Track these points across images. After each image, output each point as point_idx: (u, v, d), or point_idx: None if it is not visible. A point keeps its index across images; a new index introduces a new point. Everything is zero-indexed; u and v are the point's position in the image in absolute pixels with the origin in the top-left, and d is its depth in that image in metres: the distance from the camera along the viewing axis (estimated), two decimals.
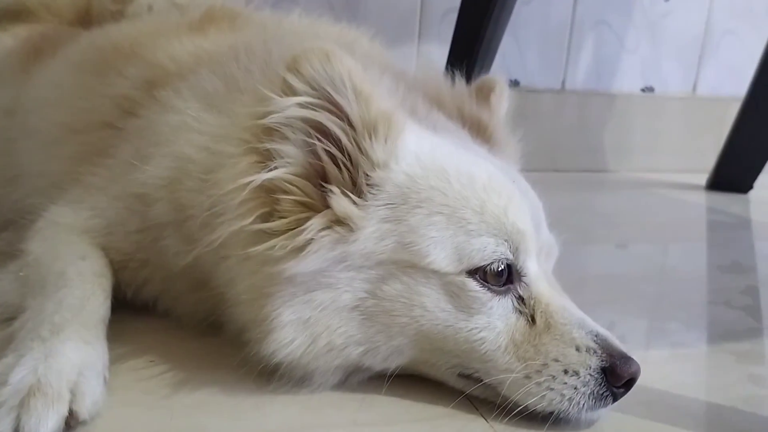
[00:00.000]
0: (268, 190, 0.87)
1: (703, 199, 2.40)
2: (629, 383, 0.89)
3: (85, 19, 1.65)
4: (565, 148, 2.66)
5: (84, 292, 0.95)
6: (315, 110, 0.86)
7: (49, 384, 0.78)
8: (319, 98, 0.86)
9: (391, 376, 0.93)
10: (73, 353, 0.84)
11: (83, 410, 0.79)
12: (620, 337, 0.92)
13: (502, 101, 1.18)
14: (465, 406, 0.92)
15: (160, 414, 0.86)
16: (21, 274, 1.03)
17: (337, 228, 0.87)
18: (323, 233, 0.86)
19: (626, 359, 0.88)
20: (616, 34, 2.67)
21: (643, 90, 2.77)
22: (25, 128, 1.34)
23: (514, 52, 2.54)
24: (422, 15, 2.38)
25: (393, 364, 0.93)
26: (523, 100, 2.55)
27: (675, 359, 1.14)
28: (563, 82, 2.66)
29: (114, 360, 0.93)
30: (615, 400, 0.89)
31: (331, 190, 0.87)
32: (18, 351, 0.83)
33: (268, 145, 0.87)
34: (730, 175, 2.48)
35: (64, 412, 0.77)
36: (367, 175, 0.88)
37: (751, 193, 2.44)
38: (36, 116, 1.33)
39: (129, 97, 1.18)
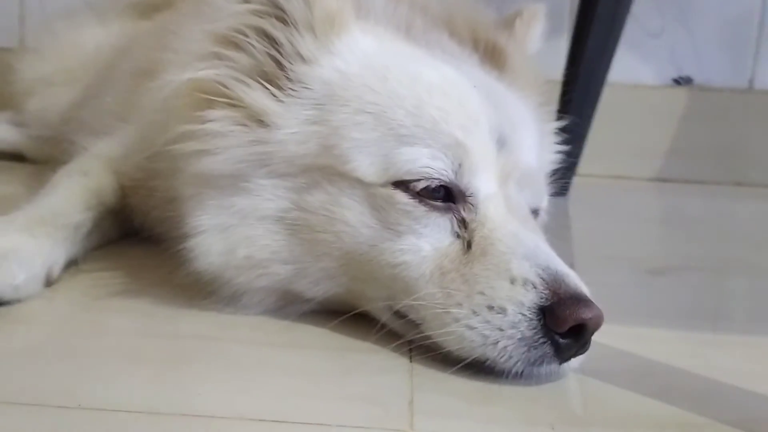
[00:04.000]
0: (204, 93, 0.83)
1: None
2: (578, 332, 0.68)
3: None
4: (754, 158, 2.24)
5: (61, 199, 0.98)
6: (259, 16, 0.82)
7: None
8: (265, 4, 0.82)
9: (320, 305, 0.83)
10: (9, 240, 0.86)
11: None
12: None
13: (530, 26, 1.01)
14: (398, 345, 0.77)
15: (80, 310, 0.86)
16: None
17: (251, 124, 0.80)
18: (233, 128, 0.79)
19: (576, 300, 0.68)
20: None
21: None
22: (113, 80, 1.47)
23: (686, 44, 2.22)
24: None
25: (324, 290, 0.82)
26: (697, 101, 2.23)
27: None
28: (751, 80, 2.25)
29: (87, 271, 0.96)
30: (560, 354, 0.69)
31: (246, 84, 0.80)
32: None
33: (210, 49, 0.84)
34: None
35: None
36: (292, 69, 0.80)
37: None
38: (120, 67, 1.44)
39: None
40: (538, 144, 0.88)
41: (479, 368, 0.70)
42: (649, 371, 0.75)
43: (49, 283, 0.89)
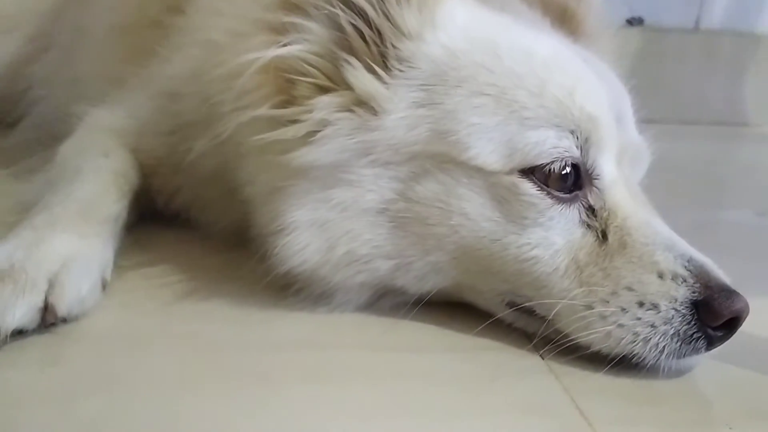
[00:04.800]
0: (285, 72, 0.73)
1: None
2: (732, 324, 0.68)
3: None
4: (698, 97, 2.33)
5: (95, 188, 0.87)
6: None
7: (23, 270, 0.69)
8: None
9: (423, 301, 0.77)
10: (62, 244, 0.75)
11: (61, 304, 0.70)
12: None
13: None
14: (515, 341, 0.74)
15: (156, 319, 0.76)
16: (48, 174, 0.97)
17: (358, 110, 0.71)
18: (340, 115, 0.71)
19: (728, 292, 0.67)
20: None
21: None
22: (84, 36, 1.29)
23: None
24: None
25: (430, 285, 0.77)
26: (648, 41, 2.26)
27: None
28: (697, 20, 2.32)
29: (129, 267, 0.85)
30: (711, 345, 0.68)
31: (350, 64, 0.71)
32: (9, 238, 0.75)
33: (284, 19, 0.73)
34: None
35: (37, 302, 0.68)
36: (395, 47, 0.72)
37: None
38: (93, 21, 1.27)
39: None
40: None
41: (622, 363, 0.69)
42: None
43: (103, 287, 0.79)
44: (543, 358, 0.72)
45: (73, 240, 0.76)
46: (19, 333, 0.67)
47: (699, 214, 1.31)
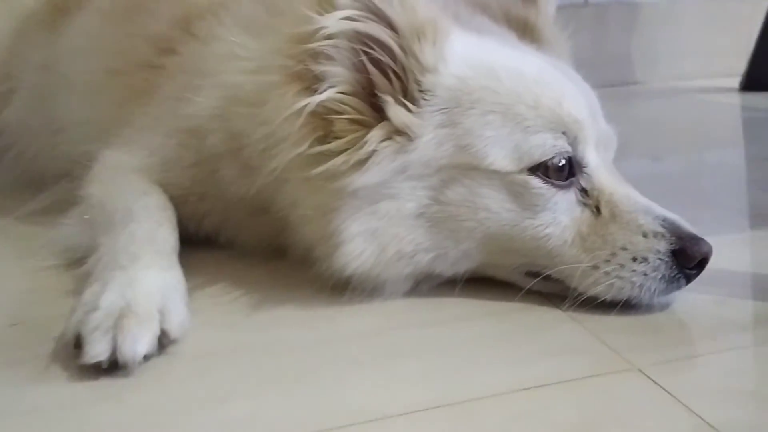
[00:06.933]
0: (321, 113, 0.88)
1: (737, 100, 2.36)
2: (701, 264, 0.89)
3: None
4: (590, 64, 2.59)
5: (152, 225, 0.98)
6: (361, 21, 0.86)
7: (138, 305, 0.81)
8: (362, 9, 0.86)
9: (461, 280, 0.95)
10: (154, 278, 0.87)
11: (174, 329, 0.82)
12: None
13: None
14: (536, 300, 0.93)
15: (244, 331, 0.89)
16: (86, 217, 1.06)
17: (397, 138, 0.87)
18: (384, 144, 0.87)
19: (696, 240, 0.89)
20: None
21: None
22: (63, 81, 1.35)
23: None
24: None
25: (462, 268, 0.95)
26: None
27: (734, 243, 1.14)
28: None
29: (192, 288, 0.95)
30: (688, 281, 0.90)
31: (385, 101, 0.87)
32: (101, 280, 0.86)
33: (313, 68, 0.87)
34: (764, 74, 2.41)
35: (157, 331, 0.80)
36: (419, 80, 0.88)
37: None
38: (73, 67, 1.33)
39: (165, 36, 1.19)
40: None
41: (625, 305, 0.89)
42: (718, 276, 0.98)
43: None
44: (561, 310, 0.91)
45: (159, 274, 0.88)
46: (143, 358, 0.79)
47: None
